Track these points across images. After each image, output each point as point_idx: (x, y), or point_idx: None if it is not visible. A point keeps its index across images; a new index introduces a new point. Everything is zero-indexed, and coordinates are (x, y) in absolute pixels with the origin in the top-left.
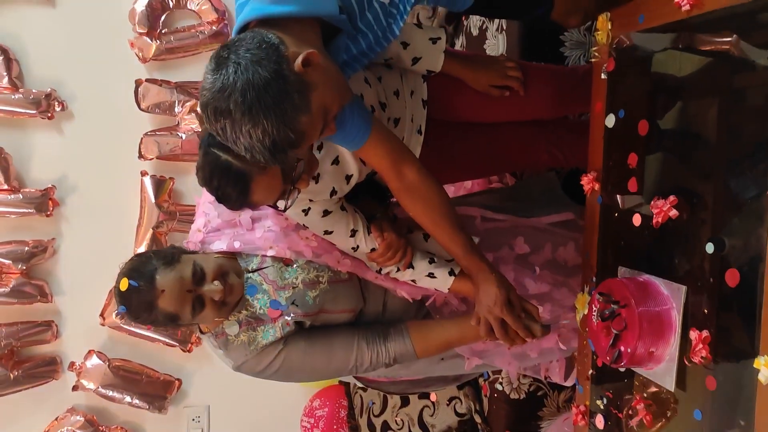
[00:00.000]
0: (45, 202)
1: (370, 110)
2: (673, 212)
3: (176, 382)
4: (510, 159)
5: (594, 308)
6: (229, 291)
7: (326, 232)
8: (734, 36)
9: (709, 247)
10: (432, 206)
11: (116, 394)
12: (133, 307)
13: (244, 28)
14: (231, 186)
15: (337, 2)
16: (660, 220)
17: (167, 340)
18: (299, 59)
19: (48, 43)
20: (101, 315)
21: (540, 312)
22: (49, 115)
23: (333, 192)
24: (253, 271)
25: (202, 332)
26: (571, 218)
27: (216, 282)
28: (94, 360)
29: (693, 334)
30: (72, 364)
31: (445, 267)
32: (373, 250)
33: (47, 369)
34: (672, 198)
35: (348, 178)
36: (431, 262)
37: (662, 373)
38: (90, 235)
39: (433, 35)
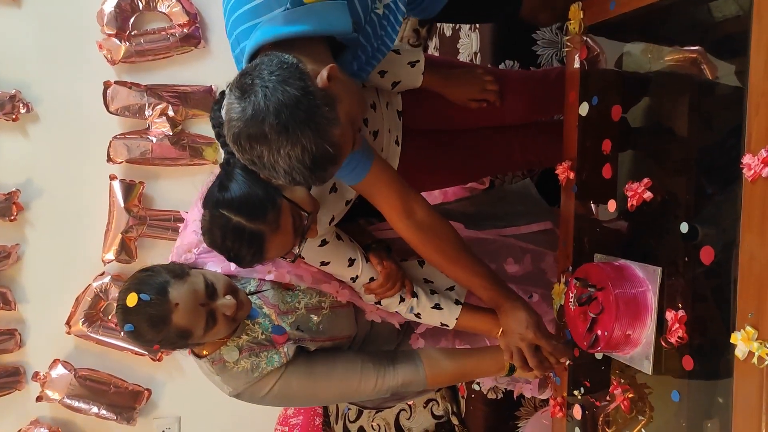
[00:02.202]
0: (9, 207)
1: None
2: (648, 194)
3: (145, 392)
4: (485, 164)
5: (571, 294)
6: (240, 306)
7: (323, 263)
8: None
9: (684, 227)
10: (446, 242)
11: (83, 405)
12: (143, 323)
13: (254, 55)
14: (245, 248)
15: (350, 19)
16: (635, 203)
17: (136, 349)
18: (323, 73)
19: (13, 44)
20: (67, 323)
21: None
22: (14, 117)
23: (332, 220)
24: (252, 294)
25: (198, 356)
26: (550, 227)
27: (228, 296)
28: (60, 369)
29: (669, 315)
30: (36, 374)
31: (448, 297)
32: (371, 279)
33: (10, 380)
34: (646, 180)
35: (348, 202)
36: (433, 292)
37: (639, 357)
38: (56, 241)
39: (412, 59)
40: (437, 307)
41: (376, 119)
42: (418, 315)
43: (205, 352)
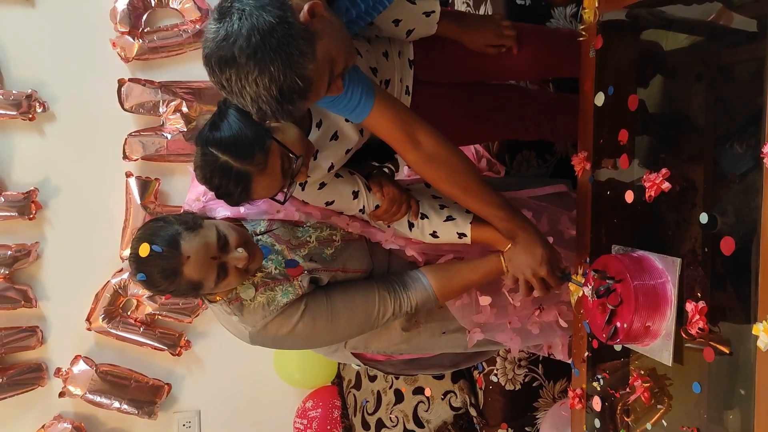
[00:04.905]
0: (27, 205)
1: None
2: (666, 185)
3: (166, 386)
4: (497, 122)
5: (589, 286)
6: (252, 258)
7: (328, 203)
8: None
9: (703, 217)
10: (457, 170)
11: (104, 400)
12: (155, 274)
13: None
14: (232, 186)
15: None
16: (653, 193)
17: (155, 344)
18: (305, 8)
19: (28, 44)
20: (87, 319)
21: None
22: (30, 116)
23: (331, 167)
24: (263, 233)
25: (211, 302)
26: (564, 190)
27: (240, 249)
28: (81, 365)
29: (689, 306)
30: (58, 370)
31: (459, 207)
32: (377, 207)
33: (32, 376)
34: (664, 171)
35: (348, 151)
36: (443, 207)
37: (659, 348)
38: (74, 238)
39: (427, 9)
40: (450, 219)
41: (387, 68)
42: (434, 234)
43: (218, 298)
